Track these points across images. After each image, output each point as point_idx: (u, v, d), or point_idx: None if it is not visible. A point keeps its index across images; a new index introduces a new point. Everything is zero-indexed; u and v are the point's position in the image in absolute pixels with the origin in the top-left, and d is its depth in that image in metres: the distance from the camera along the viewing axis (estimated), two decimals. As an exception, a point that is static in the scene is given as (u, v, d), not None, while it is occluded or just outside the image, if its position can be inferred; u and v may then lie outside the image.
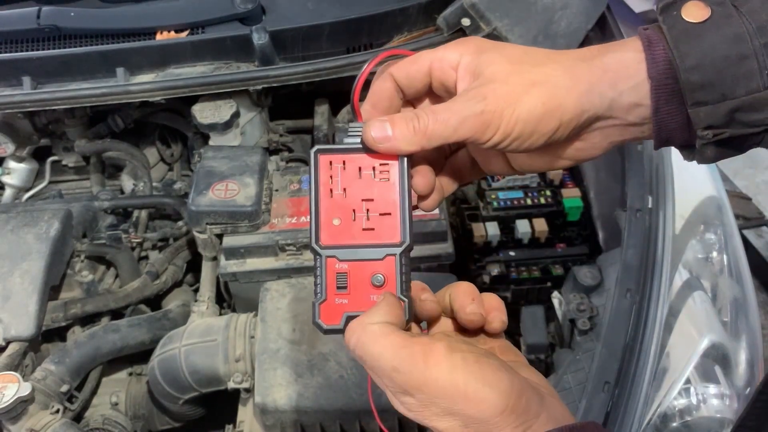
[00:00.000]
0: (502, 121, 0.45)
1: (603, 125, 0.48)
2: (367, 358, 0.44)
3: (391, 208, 0.49)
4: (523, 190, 1.21)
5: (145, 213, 1.36)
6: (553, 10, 1.31)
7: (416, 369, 0.42)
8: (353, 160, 0.50)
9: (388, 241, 0.48)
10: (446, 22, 1.28)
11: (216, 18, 1.27)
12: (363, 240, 0.48)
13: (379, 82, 0.52)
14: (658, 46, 0.45)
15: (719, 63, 0.43)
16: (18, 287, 1.08)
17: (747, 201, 2.44)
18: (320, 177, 0.49)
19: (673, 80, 0.44)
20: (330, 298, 0.49)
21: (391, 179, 0.49)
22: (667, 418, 0.92)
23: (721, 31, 0.43)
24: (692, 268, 1.02)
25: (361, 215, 0.49)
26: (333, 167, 0.49)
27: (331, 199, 0.49)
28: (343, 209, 0.49)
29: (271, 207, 1.14)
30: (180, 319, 1.19)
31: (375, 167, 0.49)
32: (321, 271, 0.49)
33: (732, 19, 0.44)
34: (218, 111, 1.26)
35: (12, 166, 1.47)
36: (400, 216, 0.49)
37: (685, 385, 0.93)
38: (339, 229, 0.49)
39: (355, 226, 0.49)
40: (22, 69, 1.22)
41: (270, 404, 0.92)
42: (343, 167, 0.49)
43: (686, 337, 0.95)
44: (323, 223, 0.49)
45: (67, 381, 1.04)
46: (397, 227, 0.49)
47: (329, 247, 0.48)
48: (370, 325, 0.45)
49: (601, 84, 0.46)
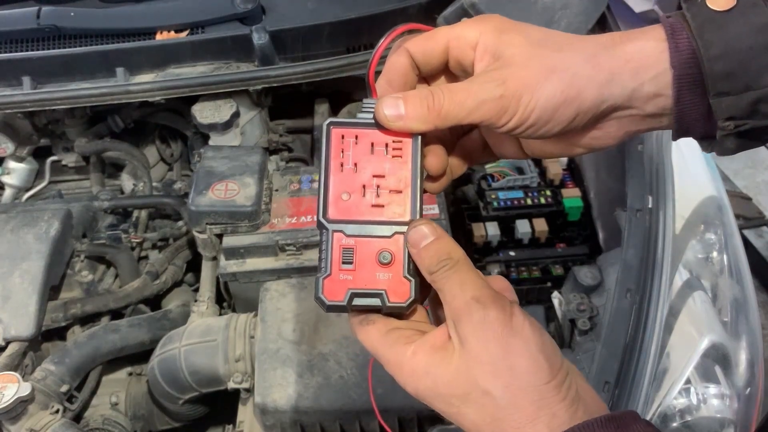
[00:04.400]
0: (520, 107, 0.44)
1: (621, 115, 0.47)
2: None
3: (402, 185, 0.48)
4: (523, 190, 1.21)
5: (145, 213, 1.36)
6: (553, 10, 1.31)
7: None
8: (366, 135, 0.48)
9: (397, 219, 0.47)
10: (446, 21, 1.28)
11: (216, 18, 1.27)
12: (372, 216, 0.47)
13: (394, 57, 0.50)
14: (682, 35, 0.44)
15: (744, 53, 0.42)
16: (18, 287, 1.08)
17: (747, 201, 2.44)
18: (332, 150, 0.48)
19: (696, 69, 0.43)
20: (334, 273, 0.47)
21: (404, 156, 0.48)
22: (668, 418, 0.92)
23: (747, 20, 0.43)
24: (692, 268, 1.02)
25: (371, 191, 0.48)
26: (345, 141, 0.48)
27: (342, 173, 0.48)
28: (353, 184, 0.48)
29: (271, 207, 1.14)
30: (180, 319, 1.19)
31: (388, 144, 0.48)
32: (327, 246, 0.47)
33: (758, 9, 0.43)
34: (218, 111, 1.26)
35: (12, 166, 1.47)
36: (411, 194, 0.48)
37: (686, 385, 0.92)
38: (348, 204, 0.47)
39: (365, 202, 0.48)
40: (22, 69, 1.23)
41: (270, 404, 0.92)
42: (356, 142, 0.48)
43: (686, 337, 0.95)
44: (332, 197, 0.47)
45: (66, 381, 1.04)
46: (407, 205, 0.48)
47: (336, 222, 0.47)
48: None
49: (623, 74, 0.44)
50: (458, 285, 0.44)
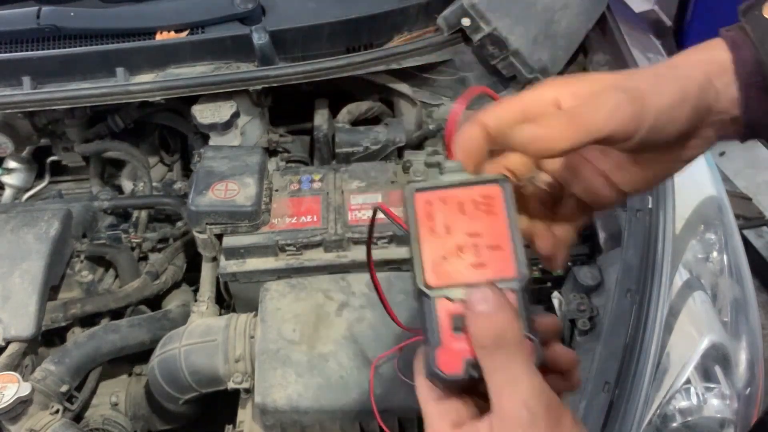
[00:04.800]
0: (649, 108, 0.43)
1: (714, 119, 0.47)
2: None
3: (500, 240, 0.45)
4: (523, 190, 1.21)
5: (144, 213, 1.36)
6: (553, 10, 1.32)
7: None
8: (452, 196, 0.47)
9: (503, 276, 0.44)
10: (446, 22, 1.28)
11: (216, 18, 1.27)
12: (474, 278, 0.44)
13: (469, 129, 0.48)
14: (745, 46, 0.46)
15: None
16: (18, 287, 1.08)
17: (747, 201, 2.44)
18: (419, 216, 0.46)
19: (761, 78, 0.45)
20: (446, 342, 0.43)
21: (496, 211, 0.46)
22: (668, 418, 0.92)
23: None
24: (692, 268, 1.02)
25: (468, 251, 0.45)
26: (433, 204, 0.47)
27: (433, 237, 0.46)
28: (448, 247, 0.45)
29: (271, 207, 1.14)
30: (180, 320, 1.19)
31: (476, 201, 0.46)
32: (431, 315, 0.44)
33: None
34: (218, 111, 1.26)
35: (12, 166, 1.47)
36: (511, 247, 0.45)
37: (686, 385, 0.92)
38: (446, 267, 0.45)
39: (464, 263, 0.45)
40: (22, 69, 1.23)
41: (270, 404, 0.92)
42: (443, 203, 0.46)
43: (686, 337, 0.95)
44: (428, 263, 0.45)
45: (66, 381, 1.04)
46: (510, 259, 0.45)
47: (439, 288, 0.44)
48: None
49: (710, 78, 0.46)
50: (509, 380, 0.39)
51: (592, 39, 1.40)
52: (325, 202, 1.15)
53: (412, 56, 1.27)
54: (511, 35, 1.26)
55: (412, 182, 0.48)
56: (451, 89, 1.35)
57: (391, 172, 1.21)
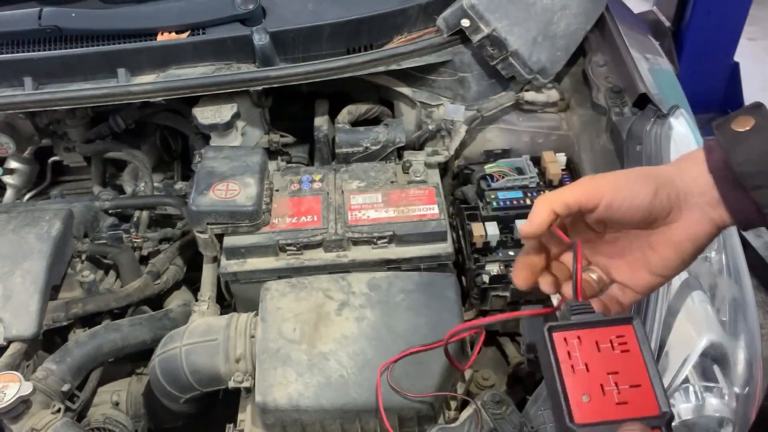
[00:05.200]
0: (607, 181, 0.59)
1: (699, 201, 0.59)
2: None
3: (639, 378, 0.48)
4: (522, 190, 1.21)
5: (146, 213, 1.36)
6: (552, 11, 1.32)
7: None
8: (588, 335, 0.50)
9: (646, 414, 0.47)
10: (446, 23, 1.28)
11: (217, 19, 1.27)
12: (619, 415, 0.47)
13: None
14: (715, 150, 0.59)
15: (763, 157, 0.56)
16: (19, 287, 1.08)
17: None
18: (559, 354, 0.50)
19: (729, 172, 0.57)
20: None
21: (632, 349, 0.49)
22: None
23: (764, 134, 0.57)
24: (691, 267, 1.02)
25: (610, 389, 0.48)
26: (569, 343, 0.50)
27: (575, 375, 0.49)
28: (590, 384, 0.48)
29: (271, 207, 1.15)
30: (181, 319, 1.19)
31: (612, 340, 0.50)
32: None
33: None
34: (219, 112, 1.26)
35: (13, 166, 1.48)
36: (651, 385, 0.48)
37: (684, 384, 0.93)
38: (590, 405, 0.48)
39: (607, 401, 0.48)
40: (23, 70, 1.23)
41: (270, 403, 0.93)
42: (579, 342, 0.50)
43: (685, 337, 0.95)
44: (573, 401, 0.48)
45: (68, 380, 1.04)
46: (652, 398, 0.48)
47: (586, 425, 0.47)
48: None
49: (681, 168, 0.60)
50: None
51: (591, 40, 1.40)
52: (325, 202, 1.15)
53: (411, 57, 1.27)
54: (511, 36, 1.26)
55: (548, 323, 0.52)
56: (451, 90, 1.35)
57: (391, 172, 1.22)
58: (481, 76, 1.34)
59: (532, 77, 1.31)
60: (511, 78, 1.33)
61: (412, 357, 0.95)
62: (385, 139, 1.28)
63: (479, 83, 1.34)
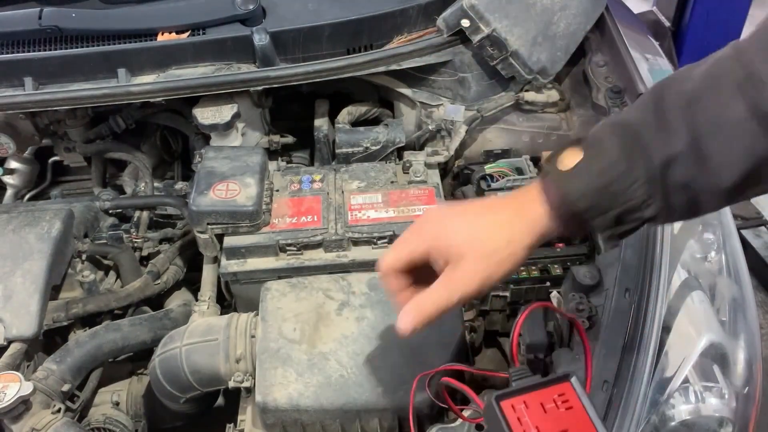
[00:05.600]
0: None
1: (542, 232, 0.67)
2: None
3: (587, 430, 0.53)
4: (522, 190, 1.21)
5: (146, 213, 1.36)
6: (552, 12, 1.32)
7: None
8: (532, 398, 0.54)
9: None
10: (446, 23, 1.29)
11: (217, 19, 1.27)
12: None
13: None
14: (551, 189, 0.66)
15: (593, 192, 0.63)
16: (19, 287, 1.08)
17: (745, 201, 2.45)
18: (510, 422, 0.53)
19: (567, 207, 0.65)
20: None
21: (574, 405, 0.54)
22: (666, 417, 0.93)
23: (588, 171, 0.64)
24: (690, 267, 1.02)
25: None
26: (517, 410, 0.54)
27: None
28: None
29: (271, 207, 1.15)
30: (181, 319, 1.20)
31: (555, 399, 0.54)
32: None
33: (595, 159, 0.64)
34: (219, 112, 1.26)
35: (13, 166, 1.48)
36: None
37: (684, 384, 0.93)
38: None
39: None
40: (23, 70, 1.23)
41: (270, 403, 0.93)
42: (526, 407, 0.54)
43: (685, 337, 0.95)
44: None
45: (68, 380, 1.04)
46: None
47: None
48: None
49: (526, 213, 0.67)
50: None
51: (591, 40, 1.40)
52: (325, 203, 1.15)
53: (411, 57, 1.27)
54: (511, 36, 1.26)
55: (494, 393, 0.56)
56: (451, 90, 1.35)
57: (391, 172, 1.22)
58: (481, 77, 1.34)
59: (532, 77, 1.31)
60: (511, 78, 1.33)
61: (414, 357, 0.95)
62: (385, 140, 1.28)
63: (479, 83, 1.34)
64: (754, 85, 0.58)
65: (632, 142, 0.63)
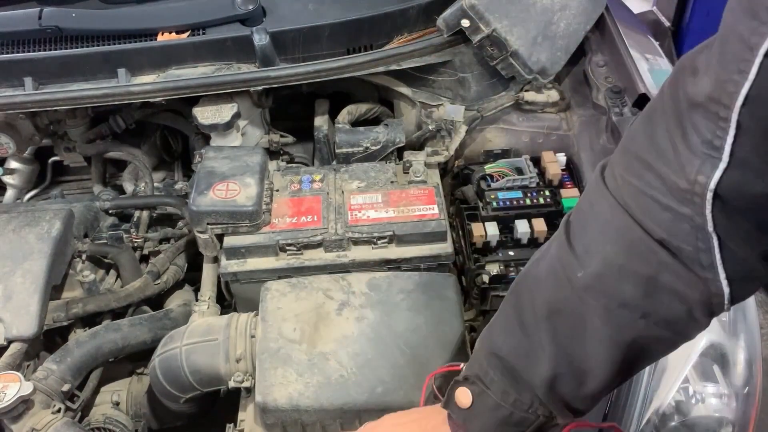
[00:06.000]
0: None
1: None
2: None
3: None
4: (522, 190, 1.21)
5: (146, 213, 1.37)
6: (552, 12, 1.32)
7: None
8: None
9: None
10: (446, 23, 1.29)
11: (217, 19, 1.28)
12: None
13: None
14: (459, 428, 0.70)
15: (496, 424, 0.66)
16: (19, 287, 1.08)
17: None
18: None
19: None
20: None
21: None
22: (666, 417, 0.93)
23: (485, 405, 0.67)
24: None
25: None
26: None
27: None
28: None
29: (271, 207, 1.15)
30: (181, 319, 1.20)
31: None
32: None
33: (486, 395, 0.67)
34: (219, 112, 1.26)
35: (13, 166, 1.48)
36: None
37: (684, 384, 0.93)
38: None
39: None
40: (23, 70, 1.23)
41: (270, 403, 0.93)
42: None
43: (685, 337, 0.95)
44: None
45: (68, 380, 1.04)
46: None
47: None
48: None
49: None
50: None
51: (591, 40, 1.40)
52: (325, 203, 1.15)
53: (411, 57, 1.27)
54: (511, 36, 1.26)
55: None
56: (451, 90, 1.35)
57: (391, 172, 1.22)
58: (481, 77, 1.34)
59: (532, 77, 1.31)
60: (511, 78, 1.33)
61: (415, 356, 0.95)
62: (385, 139, 1.28)
63: (479, 83, 1.34)
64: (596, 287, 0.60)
65: (510, 373, 0.66)
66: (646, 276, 0.57)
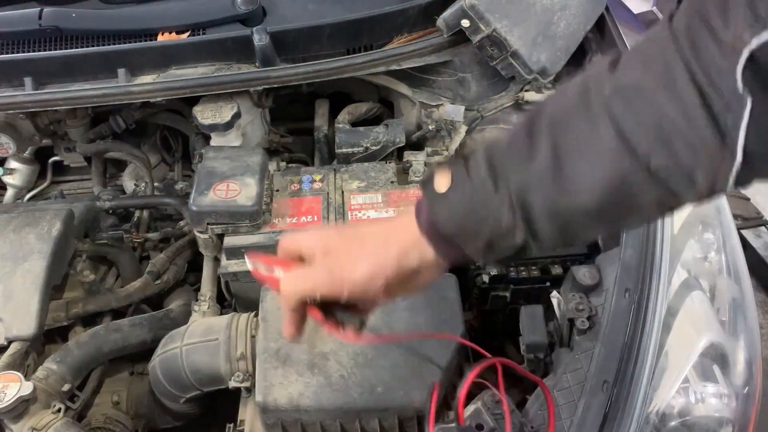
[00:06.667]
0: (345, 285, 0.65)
1: (424, 267, 0.66)
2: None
3: None
4: (522, 190, 1.21)
5: (146, 213, 1.37)
6: (552, 12, 1.32)
7: None
8: None
9: None
10: (446, 23, 1.29)
11: (217, 19, 1.28)
12: None
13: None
14: (423, 212, 0.64)
15: (462, 215, 0.61)
16: (20, 287, 1.08)
17: (745, 201, 2.45)
18: None
19: (437, 231, 0.63)
20: None
21: None
22: (666, 417, 0.93)
23: (460, 191, 0.61)
24: (691, 267, 1.03)
25: None
26: None
27: None
28: None
29: (271, 207, 1.15)
30: (181, 319, 1.20)
31: None
32: None
33: (464, 181, 0.61)
34: (219, 112, 1.26)
35: (14, 166, 1.48)
36: None
37: (684, 384, 0.93)
38: None
39: None
40: (24, 70, 1.23)
41: (271, 403, 0.93)
42: None
43: (685, 337, 0.95)
44: None
45: (68, 380, 1.04)
46: None
47: None
48: None
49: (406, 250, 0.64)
50: None
51: (591, 40, 1.40)
52: (325, 203, 1.15)
53: (411, 57, 1.28)
54: (511, 36, 1.26)
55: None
56: (451, 90, 1.35)
57: (391, 172, 1.22)
58: (481, 77, 1.34)
59: (532, 77, 1.31)
60: (511, 78, 1.33)
61: (414, 357, 0.95)
62: (385, 139, 1.28)
63: (479, 83, 1.34)
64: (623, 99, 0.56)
65: (498, 164, 0.60)
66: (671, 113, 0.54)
